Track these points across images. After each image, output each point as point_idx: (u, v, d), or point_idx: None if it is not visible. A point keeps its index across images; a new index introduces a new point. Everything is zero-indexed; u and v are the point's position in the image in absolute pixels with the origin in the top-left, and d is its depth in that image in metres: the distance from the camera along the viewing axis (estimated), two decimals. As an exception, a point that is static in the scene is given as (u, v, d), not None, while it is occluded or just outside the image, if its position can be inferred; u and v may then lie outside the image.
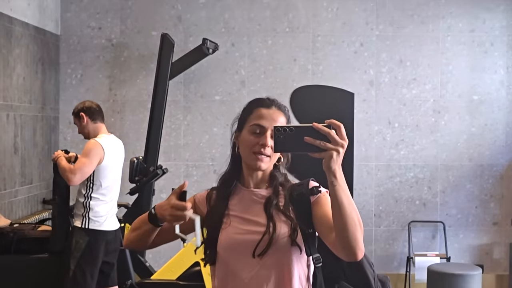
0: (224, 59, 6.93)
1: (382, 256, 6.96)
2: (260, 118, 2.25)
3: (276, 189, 2.28)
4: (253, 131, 2.25)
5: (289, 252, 2.20)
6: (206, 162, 6.94)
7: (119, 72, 6.97)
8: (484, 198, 6.97)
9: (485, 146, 6.95)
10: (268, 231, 2.19)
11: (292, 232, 2.19)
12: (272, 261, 2.19)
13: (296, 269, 2.21)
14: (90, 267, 4.80)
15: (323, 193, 2.23)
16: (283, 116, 2.29)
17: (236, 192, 2.32)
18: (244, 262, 2.20)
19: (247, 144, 2.25)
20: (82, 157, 4.79)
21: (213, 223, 2.27)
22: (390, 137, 6.97)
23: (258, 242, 2.19)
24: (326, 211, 2.16)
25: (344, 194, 1.96)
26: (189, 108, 6.96)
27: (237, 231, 2.24)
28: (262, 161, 2.23)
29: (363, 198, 6.91)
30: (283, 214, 2.23)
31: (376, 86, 6.96)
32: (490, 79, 6.95)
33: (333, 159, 1.92)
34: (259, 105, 2.30)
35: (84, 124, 4.95)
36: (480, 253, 7.00)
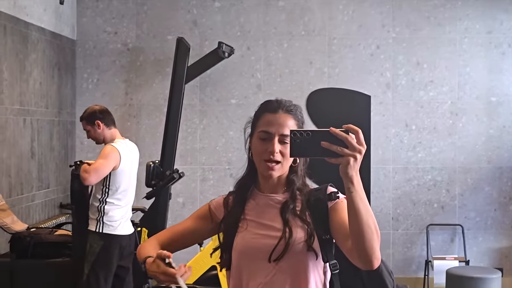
0: (239, 62, 6.91)
1: (400, 260, 6.91)
2: (266, 124, 2.20)
3: (293, 193, 2.24)
4: (261, 137, 2.20)
5: (305, 257, 2.16)
6: (223, 165, 6.93)
7: (135, 77, 6.98)
8: (503, 200, 6.91)
9: (503, 148, 6.89)
10: (284, 236, 2.15)
11: (308, 237, 2.15)
12: (288, 266, 2.16)
13: (312, 275, 2.17)
14: (104, 271, 4.79)
15: (341, 199, 2.19)
16: (292, 119, 2.21)
17: (253, 197, 2.28)
18: (260, 267, 2.17)
19: (257, 151, 2.21)
20: (99, 158, 4.79)
21: (229, 227, 2.25)
22: (407, 140, 6.92)
23: (274, 247, 2.15)
24: (343, 217, 2.12)
25: (361, 201, 1.91)
26: (205, 112, 6.96)
27: (253, 235, 2.20)
28: (273, 170, 2.19)
29: (381, 202, 6.87)
30: (300, 219, 2.19)
31: (393, 88, 6.92)
32: (508, 80, 6.89)
33: (350, 165, 1.87)
34: (266, 110, 2.24)
35: (99, 131, 4.94)
36: (500, 256, 6.94)
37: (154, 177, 5.78)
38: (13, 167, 5.51)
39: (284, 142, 2.18)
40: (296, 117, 2.23)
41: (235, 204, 2.28)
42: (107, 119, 4.96)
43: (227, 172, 6.90)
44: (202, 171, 6.97)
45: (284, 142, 2.18)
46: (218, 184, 6.89)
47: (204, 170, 6.97)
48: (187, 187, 6.93)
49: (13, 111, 5.50)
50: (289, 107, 2.24)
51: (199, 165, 6.96)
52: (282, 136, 2.18)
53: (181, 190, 6.91)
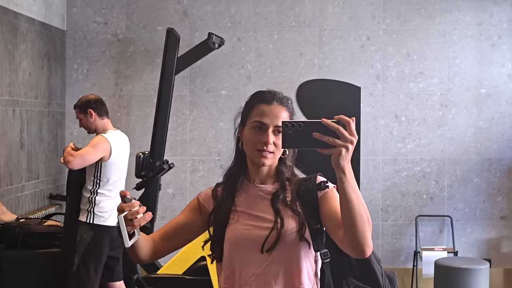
0: (230, 53, 6.91)
1: (389, 251, 6.94)
2: (261, 115, 2.22)
3: (283, 184, 2.26)
4: (254, 127, 2.22)
5: (297, 247, 2.18)
6: (213, 157, 6.93)
7: (125, 67, 6.96)
8: (492, 192, 6.94)
9: (492, 140, 6.92)
10: (276, 226, 2.17)
11: (300, 227, 2.17)
12: (280, 256, 2.17)
13: (304, 265, 2.19)
14: (94, 262, 4.80)
15: (330, 188, 2.21)
16: (286, 111, 2.25)
17: (243, 188, 2.30)
18: (252, 258, 2.19)
19: (250, 141, 2.23)
20: (87, 146, 4.79)
21: (220, 219, 2.26)
22: (397, 131, 6.94)
23: (266, 237, 2.17)
24: (333, 207, 2.14)
25: (353, 191, 1.94)
26: (195, 102, 6.95)
27: (244, 227, 2.22)
28: (266, 158, 2.21)
29: (370, 193, 6.89)
30: (291, 209, 2.21)
31: (383, 80, 6.93)
32: (498, 72, 6.91)
33: (342, 156, 1.89)
34: (260, 100, 2.26)
35: (91, 120, 4.94)
36: (488, 247, 6.97)
37: (144, 168, 5.78)
38: (2, 158, 5.49)
39: (277, 133, 2.20)
40: (289, 109, 2.27)
41: (225, 196, 2.28)
42: (100, 109, 4.97)
43: (217, 163, 6.90)
44: (192, 162, 6.97)
45: (277, 133, 2.20)
46: (208, 175, 6.90)
47: (194, 161, 6.97)
48: (177, 178, 6.93)
49: (2, 102, 5.48)
50: (283, 98, 2.27)
51: (189, 156, 6.96)
52: (275, 127, 2.20)
53: (171, 181, 6.91)
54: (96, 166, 4.82)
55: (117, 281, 5.08)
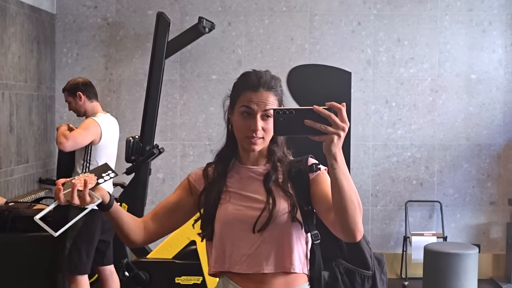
0: (220, 38, 6.88)
1: (379, 236, 6.97)
2: (248, 101, 2.21)
3: (275, 164, 2.27)
4: (243, 113, 2.21)
5: (289, 228, 2.19)
6: (203, 141, 6.92)
7: (115, 51, 6.93)
8: (481, 177, 6.96)
9: (482, 126, 6.93)
10: (267, 207, 2.18)
11: (292, 208, 2.18)
12: (272, 237, 2.18)
13: (295, 246, 2.20)
14: (86, 246, 4.79)
15: (322, 171, 2.22)
16: (273, 95, 2.23)
17: (234, 170, 2.30)
18: (244, 238, 2.19)
19: (239, 127, 2.23)
20: (79, 128, 4.77)
21: (211, 199, 2.26)
22: (387, 117, 6.95)
23: (257, 217, 2.17)
24: (324, 190, 2.15)
25: (344, 177, 1.94)
26: (186, 87, 6.93)
27: (236, 207, 2.22)
28: (255, 144, 2.21)
29: (360, 178, 6.90)
30: (282, 190, 2.22)
31: (373, 65, 6.92)
32: (488, 58, 6.92)
33: (333, 143, 1.90)
34: (247, 87, 2.24)
35: (80, 103, 4.92)
36: (477, 233, 7.01)
37: (134, 152, 5.75)
38: (-9, 142, 5.47)
39: (266, 118, 2.20)
40: (276, 93, 2.25)
41: (217, 176, 2.28)
42: (89, 92, 4.94)
43: (207, 148, 6.90)
44: (182, 146, 6.96)
45: (266, 118, 2.20)
46: (198, 160, 6.89)
47: (185, 146, 6.96)
48: (167, 163, 6.93)
49: (-9, 85, 5.46)
50: (269, 83, 2.24)
51: (179, 141, 6.95)
52: (264, 112, 2.20)
53: (161, 166, 6.91)
54: (86, 150, 4.80)
55: (107, 265, 5.08)
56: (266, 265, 2.18)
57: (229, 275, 2.24)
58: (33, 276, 5.02)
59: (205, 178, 2.32)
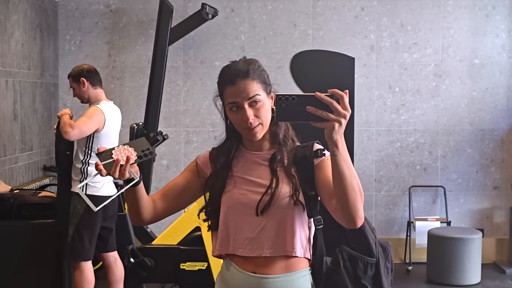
0: (223, 24, 6.88)
1: (383, 221, 6.98)
2: (230, 96, 2.20)
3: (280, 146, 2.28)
4: (231, 108, 2.21)
5: (291, 212, 2.20)
6: (207, 128, 6.93)
7: (118, 38, 6.93)
8: (485, 162, 6.97)
9: (486, 111, 6.93)
10: (270, 187, 2.20)
11: (294, 191, 2.19)
12: (274, 221, 2.20)
13: (298, 230, 2.22)
14: (88, 233, 4.81)
15: (327, 157, 2.22)
16: (251, 81, 2.19)
17: (240, 155, 2.32)
18: (247, 222, 2.22)
19: (235, 122, 2.24)
20: (83, 117, 4.78)
21: (216, 188, 2.28)
22: (390, 102, 6.94)
23: (260, 199, 2.19)
24: (328, 175, 2.15)
25: (345, 164, 1.96)
26: (189, 74, 6.93)
27: (240, 191, 2.24)
28: (256, 132, 2.21)
29: (364, 164, 6.90)
30: (286, 173, 2.23)
31: (377, 50, 6.91)
32: (492, 43, 6.90)
33: (335, 130, 1.91)
34: (224, 83, 2.23)
35: (84, 89, 4.92)
36: (481, 217, 7.02)
37: (138, 139, 5.76)
38: (-5, 129, 5.49)
39: (254, 104, 2.19)
40: (254, 77, 2.21)
41: (222, 162, 2.30)
42: (93, 78, 4.95)
43: (211, 135, 6.90)
44: (186, 133, 6.97)
45: (254, 104, 2.19)
46: (202, 147, 6.90)
47: (188, 132, 6.97)
48: (171, 150, 6.94)
49: (-5, 73, 5.46)
50: (244, 71, 2.21)
51: (183, 128, 6.96)
52: (250, 100, 2.19)
53: (165, 153, 6.92)
54: (88, 137, 4.81)
55: (111, 252, 5.10)
56: (267, 248, 2.20)
57: (232, 257, 2.27)
58: (38, 263, 5.05)
59: (212, 162, 2.33)
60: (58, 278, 5.10)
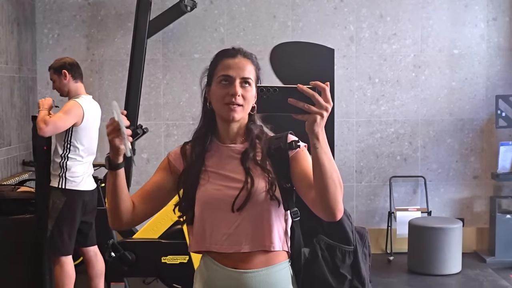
0: (202, 16, 6.85)
1: (364, 212, 7.00)
2: (226, 69, 2.21)
3: (253, 142, 2.25)
4: (221, 82, 2.21)
5: (268, 206, 2.18)
6: (187, 121, 6.91)
7: (96, 31, 6.88)
8: (465, 152, 7.00)
9: (465, 101, 6.96)
10: (246, 186, 2.17)
11: (270, 186, 2.18)
12: (251, 216, 2.18)
13: (275, 224, 2.20)
14: (67, 227, 4.78)
15: (302, 148, 2.21)
16: (251, 64, 2.25)
17: (213, 148, 2.29)
18: (223, 218, 2.19)
19: (218, 96, 2.21)
20: (60, 112, 4.74)
21: (190, 181, 2.25)
22: (370, 93, 6.95)
23: (236, 197, 2.17)
24: (305, 167, 2.15)
25: (326, 157, 1.95)
26: (168, 66, 6.90)
27: (215, 187, 2.21)
28: (235, 111, 2.19)
29: (344, 155, 6.91)
30: (261, 167, 2.21)
31: (356, 41, 6.92)
32: (471, 33, 6.93)
33: (316, 122, 1.90)
34: (224, 56, 2.26)
35: (65, 82, 4.88)
36: (461, 207, 7.05)
37: (118, 133, 5.73)
38: (-27, 124, 5.43)
39: (244, 86, 2.20)
40: (254, 63, 2.27)
41: (195, 157, 2.27)
42: (74, 72, 4.92)
43: (191, 127, 6.81)
44: (166, 126, 6.94)
45: (244, 86, 2.20)
46: (182, 140, 6.80)
47: (168, 125, 6.94)
48: (152, 143, 6.91)
49: (-29, 67, 5.41)
50: (246, 53, 2.28)
51: (163, 121, 6.93)
52: (242, 79, 2.20)
53: (145, 146, 6.89)
54: (67, 131, 4.77)
55: (91, 246, 5.07)
56: (245, 244, 2.18)
57: (211, 254, 2.24)
58: (18, 259, 5.01)
59: (183, 157, 2.31)
60: (38, 273, 5.07)
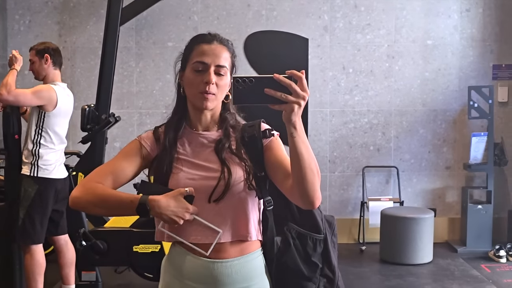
0: (176, 4, 6.80)
1: (337, 201, 7.01)
2: (201, 55, 2.14)
3: (227, 131, 2.21)
4: (195, 68, 2.14)
5: (245, 196, 2.15)
6: (160, 109, 6.86)
7: (68, 18, 6.80)
8: (437, 143, 7.04)
9: (438, 91, 6.99)
10: (223, 176, 2.13)
11: (247, 175, 2.15)
12: (228, 206, 2.14)
13: (251, 213, 2.17)
14: (39, 216, 4.73)
15: (275, 137, 2.19)
16: (227, 51, 2.18)
17: (185, 136, 2.23)
18: (199, 208, 2.12)
19: (191, 83, 2.15)
20: (29, 89, 4.67)
21: (163, 169, 2.18)
22: (344, 83, 6.96)
23: (214, 188, 2.12)
24: (279, 156, 2.12)
25: (303, 145, 1.92)
26: (142, 54, 6.85)
27: (190, 176, 2.16)
28: (208, 100, 2.13)
29: (318, 145, 6.92)
30: (237, 156, 2.17)
31: (330, 31, 6.91)
32: (444, 24, 6.95)
33: (294, 112, 1.87)
34: (200, 41, 2.18)
35: (45, 66, 4.82)
36: (433, 197, 7.10)
37: (90, 121, 5.66)
38: None
39: (219, 74, 2.14)
40: (230, 50, 2.20)
41: (168, 144, 2.20)
42: (56, 58, 4.88)
43: (164, 116, 6.76)
44: (139, 115, 6.89)
45: (219, 74, 2.14)
46: (155, 128, 6.82)
47: (141, 114, 6.89)
48: (124, 132, 6.86)
49: None
50: (223, 39, 2.20)
51: (136, 109, 6.88)
52: (217, 67, 2.14)
53: (118, 135, 6.84)
54: (39, 117, 4.72)
55: (62, 235, 5.03)
56: (222, 234, 2.14)
57: (184, 245, 2.19)
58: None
59: (157, 141, 2.23)
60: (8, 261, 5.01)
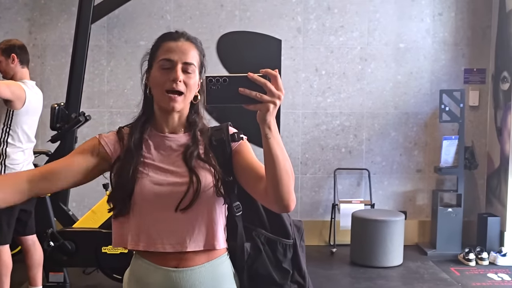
0: (149, 3, 6.74)
1: (308, 203, 7.00)
2: (168, 52, 2.07)
3: (195, 137, 2.13)
4: (162, 66, 2.07)
5: (213, 203, 2.08)
6: (131, 109, 6.80)
7: (39, 15, 6.71)
8: (409, 145, 7.06)
9: (410, 94, 7.01)
10: (192, 185, 2.04)
11: (216, 181, 2.07)
12: (195, 213, 2.06)
13: (218, 221, 2.10)
14: (6, 216, 4.66)
15: (244, 140, 2.13)
16: (195, 49, 2.11)
17: (151, 139, 2.14)
18: (165, 216, 2.05)
19: (158, 82, 2.07)
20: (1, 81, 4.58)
21: (126, 172, 2.06)
22: (317, 85, 6.95)
23: (182, 197, 2.04)
24: (249, 159, 2.07)
25: (278, 147, 1.86)
26: (113, 53, 6.78)
27: (156, 181, 2.06)
28: (175, 101, 2.06)
29: (290, 146, 6.91)
30: (206, 162, 2.09)
31: (303, 33, 6.90)
32: (417, 27, 6.98)
33: (269, 112, 1.82)
34: (166, 39, 2.11)
35: (12, 65, 4.75)
36: (404, 200, 7.12)
37: (59, 120, 5.60)
38: None
39: (187, 72, 2.07)
40: (198, 47, 2.13)
41: (134, 145, 2.11)
42: (23, 57, 4.80)
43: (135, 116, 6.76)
44: (110, 114, 6.82)
45: (187, 72, 2.07)
46: (126, 128, 6.76)
47: (112, 113, 6.82)
48: (94, 131, 6.78)
49: None
50: (191, 36, 2.14)
51: (106, 108, 6.81)
52: (185, 65, 2.07)
53: (88, 134, 6.75)
54: (7, 115, 4.64)
55: (29, 235, 4.96)
56: (190, 243, 2.07)
57: (147, 253, 2.10)
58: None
59: (120, 142, 2.13)
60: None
